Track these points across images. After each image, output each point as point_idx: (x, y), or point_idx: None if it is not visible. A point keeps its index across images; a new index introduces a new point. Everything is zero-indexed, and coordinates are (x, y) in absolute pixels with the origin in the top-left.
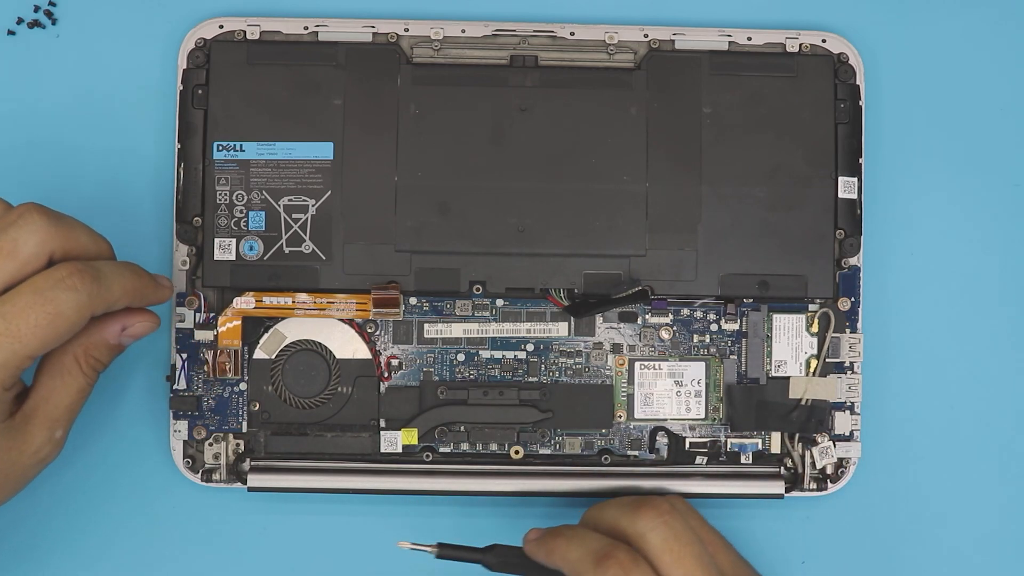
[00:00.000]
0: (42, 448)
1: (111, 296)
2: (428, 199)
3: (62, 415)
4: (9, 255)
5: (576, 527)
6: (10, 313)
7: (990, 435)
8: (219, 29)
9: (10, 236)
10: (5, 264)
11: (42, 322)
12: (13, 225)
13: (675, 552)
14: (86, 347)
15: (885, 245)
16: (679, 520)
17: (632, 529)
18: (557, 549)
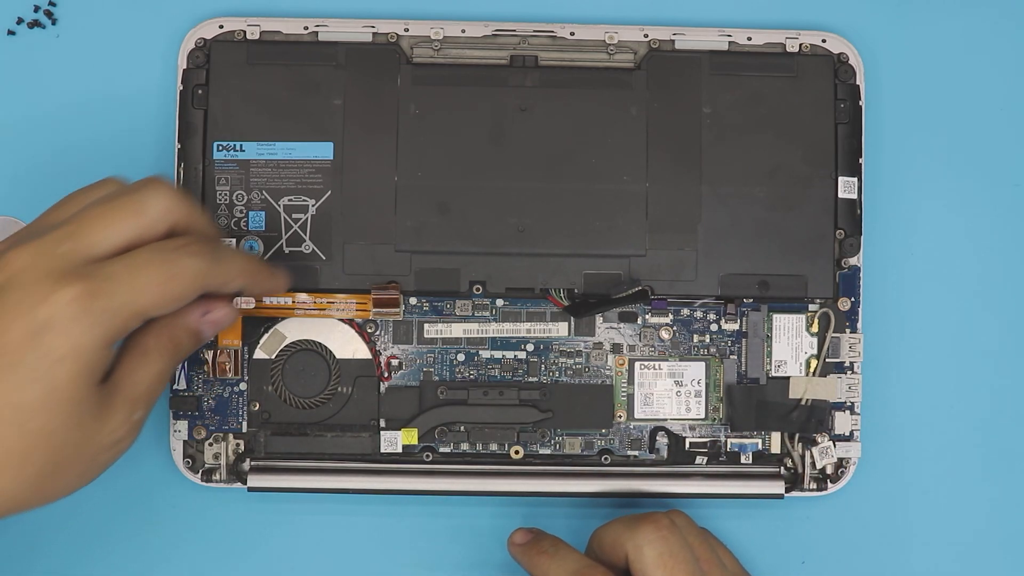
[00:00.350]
0: (119, 428)
1: (228, 272)
2: (428, 199)
3: (141, 396)
4: (136, 214)
5: (560, 544)
6: (132, 266)
7: (990, 435)
8: (219, 29)
9: (138, 197)
10: (130, 222)
11: (160, 278)
12: (142, 189)
13: (668, 567)
14: (169, 329)
15: (885, 245)
16: (676, 536)
17: (631, 543)
18: (539, 565)
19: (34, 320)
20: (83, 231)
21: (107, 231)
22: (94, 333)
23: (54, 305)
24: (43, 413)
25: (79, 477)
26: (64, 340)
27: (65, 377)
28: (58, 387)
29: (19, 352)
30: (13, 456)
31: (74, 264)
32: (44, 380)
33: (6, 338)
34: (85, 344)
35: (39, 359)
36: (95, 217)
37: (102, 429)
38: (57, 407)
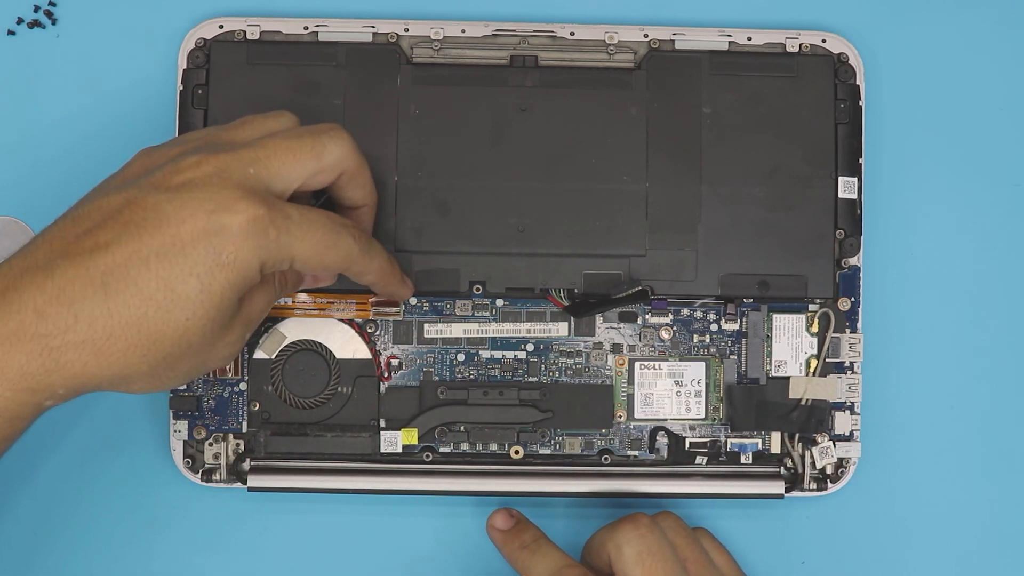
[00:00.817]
0: (234, 344)
1: (370, 265)
2: (428, 199)
3: (253, 319)
4: (315, 156)
5: (542, 539)
6: (306, 218)
7: (990, 435)
8: (219, 29)
9: (320, 140)
10: (309, 162)
11: (323, 240)
12: (325, 134)
13: (647, 566)
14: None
15: (885, 245)
16: (656, 536)
17: (611, 543)
18: (520, 559)
19: (214, 221)
20: (269, 160)
21: (289, 166)
22: (258, 255)
23: (236, 216)
24: (191, 307)
25: (183, 376)
26: (233, 250)
27: (223, 282)
28: (214, 289)
29: (191, 244)
30: (151, 336)
31: (259, 187)
32: (204, 278)
33: (183, 228)
34: (248, 261)
35: (206, 257)
36: (282, 150)
37: (222, 341)
38: (206, 307)
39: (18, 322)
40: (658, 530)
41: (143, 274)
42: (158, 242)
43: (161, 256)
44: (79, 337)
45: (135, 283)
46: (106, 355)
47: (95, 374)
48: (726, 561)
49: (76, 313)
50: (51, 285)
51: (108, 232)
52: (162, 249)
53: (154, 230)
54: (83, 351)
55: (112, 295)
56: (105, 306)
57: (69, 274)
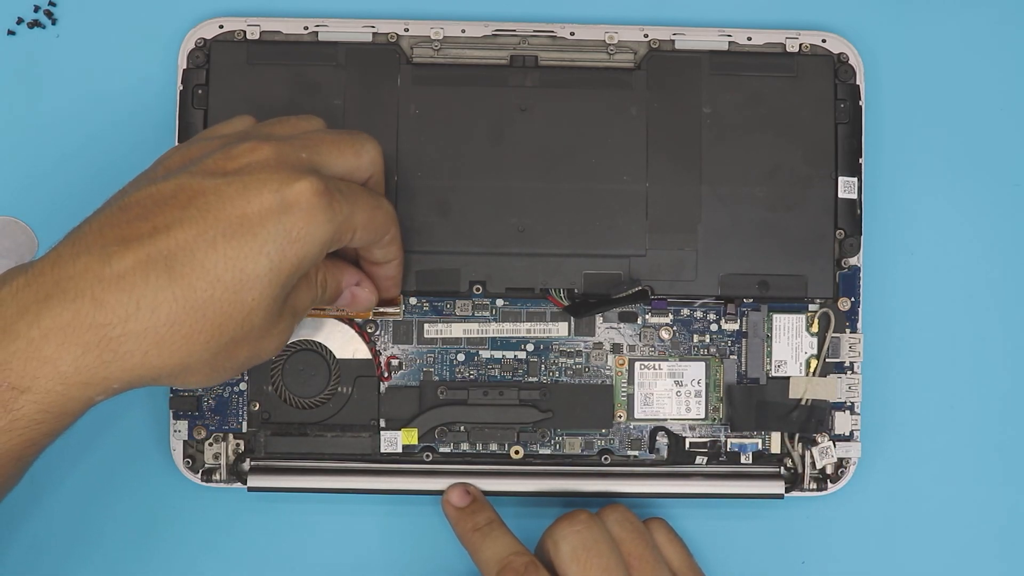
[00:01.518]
0: (285, 331)
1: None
2: (428, 199)
3: (300, 312)
4: (355, 153)
5: (495, 522)
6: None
7: (990, 435)
8: (219, 29)
9: (359, 140)
10: (350, 157)
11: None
12: (361, 136)
13: (582, 562)
14: (325, 271)
15: (885, 245)
16: (592, 531)
17: (550, 539)
18: (472, 541)
19: (282, 199)
20: (318, 149)
21: (335, 157)
22: (328, 228)
23: (302, 192)
24: (261, 287)
25: (239, 367)
26: (304, 225)
27: (293, 259)
28: (284, 267)
29: (259, 223)
30: (217, 319)
31: (312, 167)
32: (275, 256)
33: (250, 207)
34: (318, 235)
35: (277, 234)
36: (327, 143)
37: (276, 328)
38: (272, 285)
39: (74, 312)
40: (596, 525)
41: (210, 255)
42: (224, 223)
43: (229, 236)
44: (140, 326)
45: (202, 265)
46: (168, 344)
47: (155, 365)
48: (679, 554)
49: (138, 300)
50: (109, 272)
51: (167, 216)
52: (229, 230)
53: (219, 211)
54: (144, 340)
55: (177, 279)
56: (170, 291)
57: (129, 259)
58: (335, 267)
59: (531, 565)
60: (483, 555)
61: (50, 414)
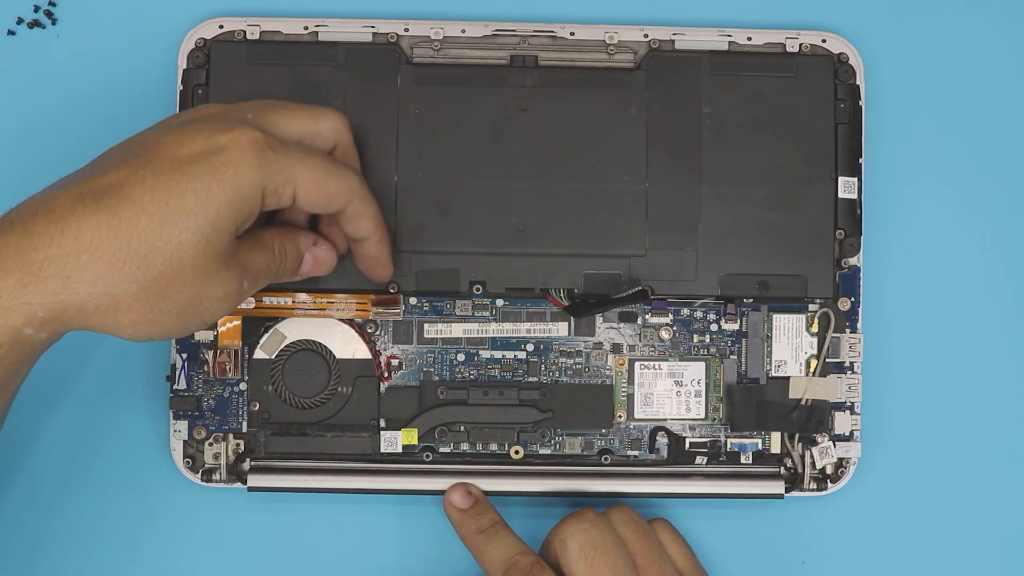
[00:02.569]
0: (231, 282)
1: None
2: (428, 199)
3: (251, 272)
4: (312, 117)
5: (499, 524)
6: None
7: (990, 435)
8: (219, 29)
9: (317, 108)
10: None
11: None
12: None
13: (590, 559)
14: (282, 236)
15: (885, 245)
16: (599, 529)
17: (556, 538)
18: (476, 542)
19: (213, 142)
20: (267, 112)
21: (287, 120)
22: (257, 174)
23: (234, 137)
24: (186, 221)
25: (180, 311)
26: (232, 168)
27: (220, 197)
28: (210, 204)
29: (188, 162)
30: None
31: (255, 125)
32: (201, 193)
33: (182, 150)
34: (247, 179)
35: (204, 172)
36: (280, 107)
37: (218, 271)
38: (200, 222)
39: (3, 242)
40: (603, 524)
41: (137, 188)
42: (156, 163)
43: (158, 174)
44: (63, 250)
45: (128, 197)
46: (90, 269)
47: (77, 291)
48: (683, 553)
49: (63, 227)
50: (43, 207)
51: (106, 163)
52: (160, 168)
53: (153, 154)
54: (65, 264)
55: (103, 208)
56: (94, 218)
57: (62, 196)
58: (291, 233)
59: (536, 565)
60: (488, 557)
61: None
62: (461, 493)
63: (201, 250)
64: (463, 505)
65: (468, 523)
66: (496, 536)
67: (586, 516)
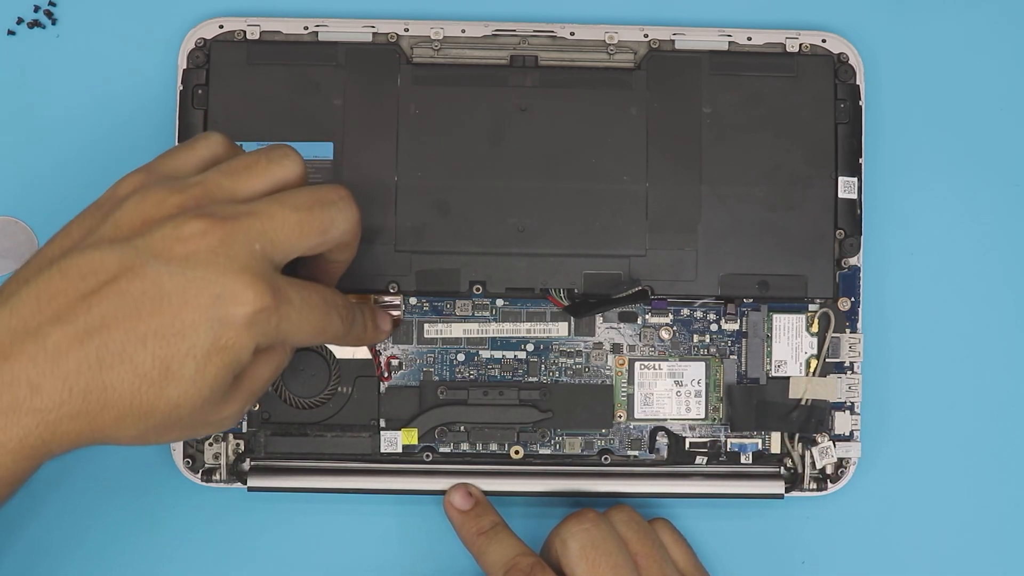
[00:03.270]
0: (229, 419)
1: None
2: (428, 199)
3: (257, 391)
4: (321, 232)
5: (500, 525)
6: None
7: (990, 435)
8: (219, 29)
9: (329, 215)
10: (314, 237)
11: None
12: (334, 206)
13: (591, 559)
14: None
15: (885, 245)
16: (600, 529)
17: (557, 538)
18: (476, 544)
19: (219, 310)
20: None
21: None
22: (257, 340)
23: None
24: (185, 385)
25: (177, 439)
26: (234, 336)
27: (219, 364)
28: (209, 370)
29: (191, 328)
30: (142, 409)
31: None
32: (200, 360)
33: (185, 310)
34: (248, 347)
35: (206, 342)
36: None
37: (218, 413)
38: (197, 386)
39: (12, 396)
40: (604, 524)
41: (139, 353)
42: (158, 322)
43: (159, 337)
44: (73, 409)
45: (131, 360)
46: (99, 423)
47: (88, 439)
48: (684, 554)
49: (71, 388)
50: (44, 357)
51: (105, 302)
52: (161, 330)
53: (154, 308)
54: (77, 422)
55: (107, 371)
56: (100, 381)
57: (63, 346)
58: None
59: (537, 565)
60: (489, 558)
61: (3, 484)
62: (462, 494)
63: (197, 406)
64: (464, 506)
65: (469, 524)
66: (497, 537)
67: (587, 516)
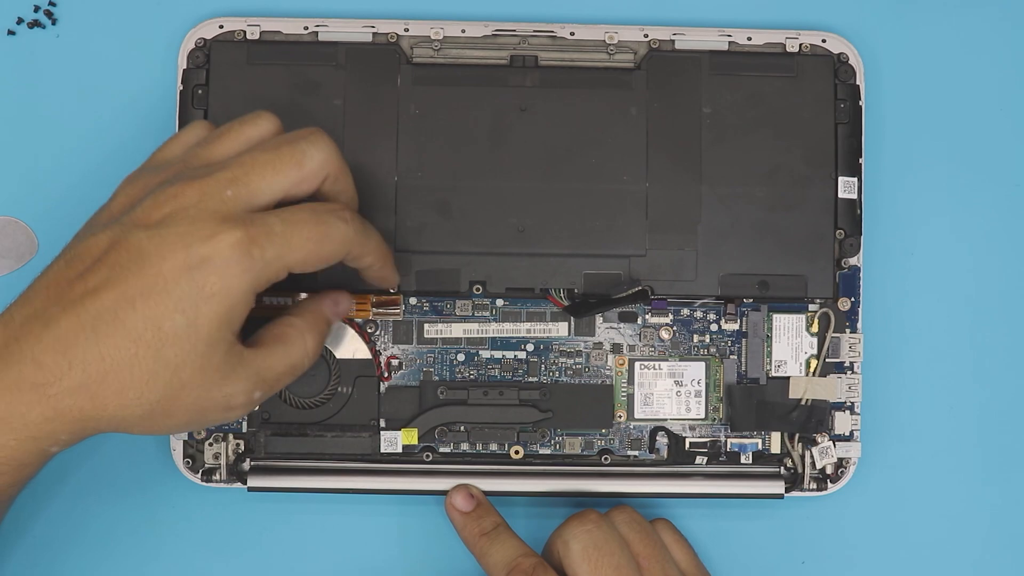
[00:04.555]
0: (237, 395)
1: (368, 245)
2: (428, 199)
3: (268, 380)
4: (296, 165)
5: (502, 526)
6: (290, 222)
7: (990, 435)
8: (219, 29)
9: (300, 148)
10: (290, 172)
11: (313, 237)
12: (304, 139)
13: (593, 561)
14: (311, 322)
15: (885, 245)
16: (602, 530)
17: (559, 539)
18: (478, 545)
19: (194, 254)
20: (248, 178)
21: (269, 180)
22: (246, 278)
23: (215, 245)
24: (180, 344)
25: (185, 423)
26: (217, 279)
27: (210, 314)
28: (200, 323)
29: (173, 281)
30: (143, 377)
31: (238, 210)
32: (190, 312)
33: (164, 265)
34: (235, 287)
35: (190, 291)
36: (260, 164)
37: (221, 387)
38: (194, 342)
39: (17, 373)
40: (606, 525)
41: (130, 316)
42: (142, 282)
43: (145, 296)
44: (74, 383)
45: (123, 325)
46: (100, 398)
47: (92, 416)
48: (685, 554)
49: (70, 360)
50: (48, 334)
51: (97, 275)
52: (146, 289)
53: (138, 271)
54: (79, 396)
55: (103, 339)
56: (96, 350)
57: (63, 323)
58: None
59: (539, 566)
60: (491, 559)
61: (8, 466)
62: (463, 496)
63: (199, 368)
64: (465, 508)
65: (471, 526)
66: (499, 538)
67: (589, 517)
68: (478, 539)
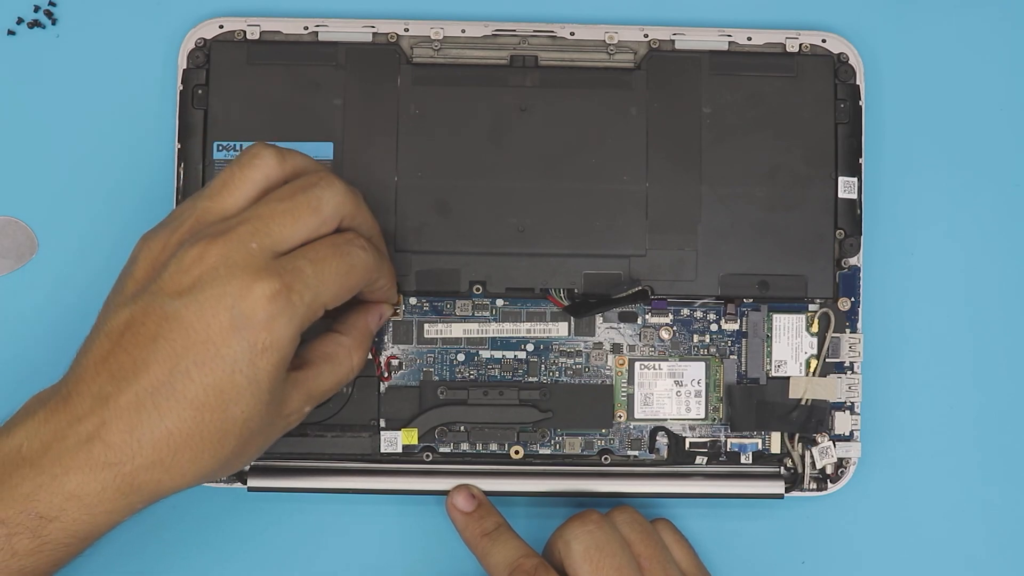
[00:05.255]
0: (294, 414)
1: (384, 267)
2: (428, 199)
3: (318, 396)
4: (313, 212)
5: (503, 527)
6: (316, 260)
7: (990, 435)
8: (219, 29)
9: (315, 194)
10: (309, 220)
11: (340, 271)
12: (316, 186)
13: (595, 561)
14: (358, 339)
15: (885, 245)
16: (604, 531)
17: (560, 540)
18: (480, 545)
19: (237, 314)
20: (269, 228)
21: (291, 229)
22: (292, 325)
23: (255, 301)
24: (244, 399)
25: (256, 453)
26: (267, 333)
27: (267, 367)
28: (261, 376)
29: (224, 344)
30: (214, 437)
31: (265, 260)
32: (247, 370)
33: (210, 331)
34: (284, 336)
35: (243, 350)
36: (279, 215)
37: (282, 413)
38: (256, 395)
39: (87, 453)
40: (607, 525)
41: (189, 386)
42: (193, 354)
43: (200, 364)
44: (147, 459)
45: (184, 396)
46: (177, 469)
47: (170, 487)
48: (686, 554)
49: (139, 438)
50: (108, 414)
51: (142, 350)
52: (198, 358)
53: (185, 342)
54: (154, 471)
55: (166, 413)
56: (163, 426)
57: (122, 400)
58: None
59: (540, 567)
60: (492, 559)
61: (77, 538)
62: (464, 496)
63: (265, 413)
64: (467, 508)
65: (472, 526)
66: (500, 539)
67: (590, 517)
68: (480, 539)
